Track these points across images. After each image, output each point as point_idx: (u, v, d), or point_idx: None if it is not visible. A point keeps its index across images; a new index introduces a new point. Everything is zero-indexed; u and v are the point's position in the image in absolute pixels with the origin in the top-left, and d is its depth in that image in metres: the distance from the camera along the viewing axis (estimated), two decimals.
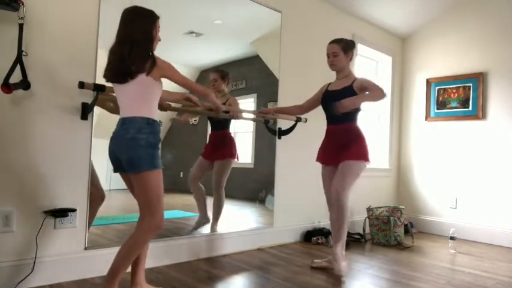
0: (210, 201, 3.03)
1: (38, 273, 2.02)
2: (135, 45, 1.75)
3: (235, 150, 3.13)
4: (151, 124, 1.78)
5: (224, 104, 3.00)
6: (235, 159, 3.11)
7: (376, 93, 2.49)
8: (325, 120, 2.74)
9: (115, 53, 1.78)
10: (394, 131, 4.58)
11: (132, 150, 1.75)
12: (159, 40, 1.91)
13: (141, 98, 1.79)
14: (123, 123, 1.79)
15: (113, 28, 1.83)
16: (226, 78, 3.11)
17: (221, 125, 3.09)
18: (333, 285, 2.33)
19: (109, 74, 1.81)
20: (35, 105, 2.05)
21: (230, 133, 3.13)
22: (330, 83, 2.78)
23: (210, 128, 3.14)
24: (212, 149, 3.09)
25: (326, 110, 2.72)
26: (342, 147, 2.57)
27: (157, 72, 1.80)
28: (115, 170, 1.89)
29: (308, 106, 2.89)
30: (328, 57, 2.66)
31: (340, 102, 2.41)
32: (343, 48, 2.62)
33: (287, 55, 3.42)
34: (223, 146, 3.11)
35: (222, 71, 3.09)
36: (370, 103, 2.77)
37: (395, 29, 4.47)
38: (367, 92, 2.53)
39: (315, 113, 2.93)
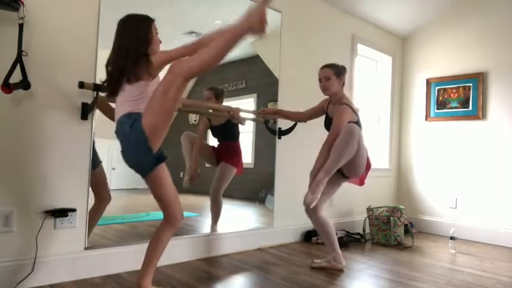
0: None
1: (38, 273, 2.02)
2: (130, 56, 1.73)
3: (241, 162, 3.12)
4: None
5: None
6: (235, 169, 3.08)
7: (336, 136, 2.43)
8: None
9: (112, 67, 1.78)
10: (394, 131, 4.58)
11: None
12: (160, 42, 1.89)
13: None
14: None
15: (113, 28, 1.83)
16: (221, 98, 3.04)
17: (232, 136, 3.08)
18: (333, 285, 2.33)
19: (109, 89, 1.81)
20: (35, 105, 2.05)
21: (239, 145, 3.12)
22: (330, 101, 2.74)
23: (211, 133, 3.12)
24: (220, 156, 3.07)
25: (327, 129, 2.73)
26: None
27: (156, 68, 1.78)
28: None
29: (309, 115, 2.92)
30: (320, 81, 2.63)
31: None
32: (335, 72, 2.60)
33: (287, 55, 3.42)
34: (233, 154, 3.09)
35: (216, 89, 3.04)
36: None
37: (395, 29, 4.47)
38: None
39: None
